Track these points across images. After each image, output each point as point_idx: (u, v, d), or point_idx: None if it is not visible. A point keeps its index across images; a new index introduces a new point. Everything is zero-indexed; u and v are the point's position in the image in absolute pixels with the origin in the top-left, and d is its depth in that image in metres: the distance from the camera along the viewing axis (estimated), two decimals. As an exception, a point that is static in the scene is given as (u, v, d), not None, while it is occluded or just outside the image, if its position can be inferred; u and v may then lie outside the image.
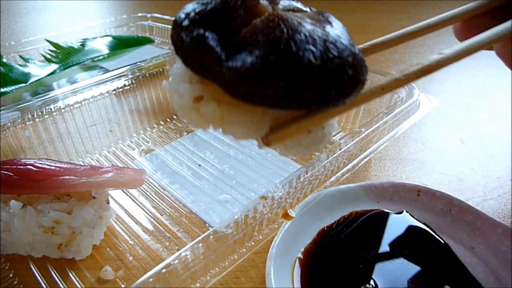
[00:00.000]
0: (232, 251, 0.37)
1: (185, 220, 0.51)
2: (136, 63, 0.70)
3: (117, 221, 0.51)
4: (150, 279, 0.31)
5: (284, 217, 0.40)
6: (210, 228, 0.48)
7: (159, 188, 0.57)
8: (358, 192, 0.50)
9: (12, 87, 0.77)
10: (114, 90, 0.67)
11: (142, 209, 0.53)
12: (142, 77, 0.70)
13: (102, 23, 1.06)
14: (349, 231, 0.45)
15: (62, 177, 0.43)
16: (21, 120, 0.58)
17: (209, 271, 0.36)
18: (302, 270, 0.41)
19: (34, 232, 0.42)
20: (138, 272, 0.44)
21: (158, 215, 0.52)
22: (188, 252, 0.33)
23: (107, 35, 1.01)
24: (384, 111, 0.51)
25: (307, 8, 0.26)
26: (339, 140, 0.53)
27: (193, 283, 0.34)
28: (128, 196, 0.55)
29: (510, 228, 0.42)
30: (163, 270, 0.32)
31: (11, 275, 0.42)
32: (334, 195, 0.48)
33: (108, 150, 0.67)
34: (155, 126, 0.73)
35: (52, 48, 0.92)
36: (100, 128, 0.69)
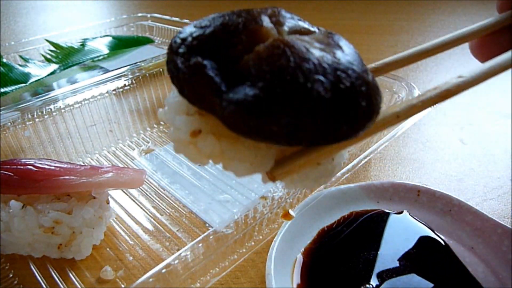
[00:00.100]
0: (232, 251, 0.37)
1: (185, 220, 0.51)
2: (136, 63, 0.70)
3: (117, 221, 0.51)
4: (150, 279, 0.31)
5: (284, 217, 0.40)
6: (210, 228, 0.48)
7: (159, 188, 0.57)
8: (358, 192, 0.50)
9: (12, 87, 0.77)
10: (114, 90, 0.67)
11: (142, 209, 0.53)
12: (142, 77, 0.70)
13: (102, 23, 1.06)
14: (349, 231, 0.45)
15: (62, 177, 0.43)
16: (21, 120, 0.58)
17: (209, 271, 0.36)
18: (302, 270, 0.41)
19: (34, 232, 0.42)
20: (138, 272, 0.44)
21: (158, 215, 0.52)
22: (188, 252, 0.33)
23: (107, 35, 1.01)
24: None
25: (314, 27, 0.24)
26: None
27: (193, 283, 0.34)
28: (128, 196, 0.55)
29: (510, 228, 0.42)
30: (163, 270, 0.32)
31: (11, 275, 0.42)
32: (334, 195, 0.48)
33: (108, 150, 0.67)
34: (155, 126, 0.73)
35: (52, 48, 0.92)
36: (100, 128, 0.69)
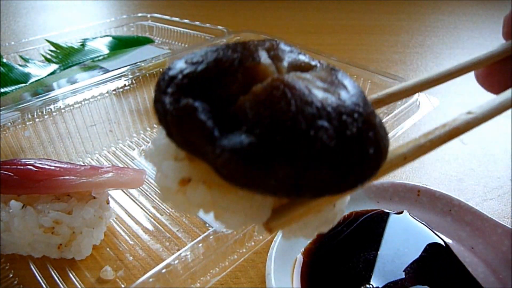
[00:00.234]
0: (232, 251, 0.37)
1: (185, 220, 0.51)
2: (136, 63, 0.70)
3: (117, 221, 0.51)
4: (150, 279, 0.31)
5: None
6: (210, 228, 0.48)
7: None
8: (358, 192, 0.50)
9: (12, 87, 0.77)
10: (114, 90, 0.67)
11: (142, 209, 0.53)
12: (142, 77, 0.70)
13: (102, 23, 1.06)
14: (349, 231, 0.45)
15: (62, 177, 0.43)
16: (21, 120, 0.58)
17: (209, 271, 0.36)
18: (302, 270, 0.41)
19: (34, 232, 0.42)
20: (138, 272, 0.44)
21: (158, 215, 0.52)
22: (188, 252, 0.33)
23: (107, 35, 1.01)
24: (384, 111, 0.51)
25: (315, 61, 0.22)
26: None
27: (193, 283, 0.34)
28: (128, 196, 0.55)
29: (510, 228, 0.42)
30: (163, 270, 0.32)
31: (11, 275, 0.42)
32: (334, 195, 0.48)
33: (108, 150, 0.67)
34: (155, 126, 0.73)
35: (52, 48, 0.92)
36: (100, 128, 0.69)
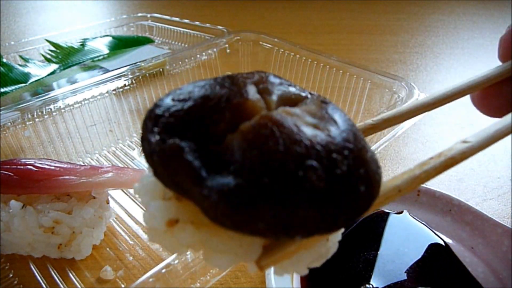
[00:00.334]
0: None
1: (185, 220, 0.51)
2: (136, 63, 0.70)
3: (117, 221, 0.51)
4: (150, 279, 0.31)
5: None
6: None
7: (159, 188, 0.57)
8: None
9: (12, 87, 0.77)
10: (114, 90, 0.67)
11: (142, 209, 0.53)
12: (142, 77, 0.70)
13: (102, 23, 1.06)
14: (349, 231, 0.45)
15: (62, 177, 0.43)
16: (21, 120, 0.58)
17: (209, 271, 0.36)
18: (302, 270, 0.41)
19: (34, 232, 0.42)
20: (138, 272, 0.44)
21: (158, 215, 0.52)
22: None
23: (107, 35, 1.01)
24: (384, 111, 0.51)
25: (306, 92, 0.22)
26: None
27: (193, 283, 0.34)
28: (128, 196, 0.55)
29: (510, 228, 0.42)
30: (163, 270, 0.32)
31: (11, 275, 0.42)
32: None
33: (108, 150, 0.67)
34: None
35: (52, 48, 0.92)
36: (100, 128, 0.69)
